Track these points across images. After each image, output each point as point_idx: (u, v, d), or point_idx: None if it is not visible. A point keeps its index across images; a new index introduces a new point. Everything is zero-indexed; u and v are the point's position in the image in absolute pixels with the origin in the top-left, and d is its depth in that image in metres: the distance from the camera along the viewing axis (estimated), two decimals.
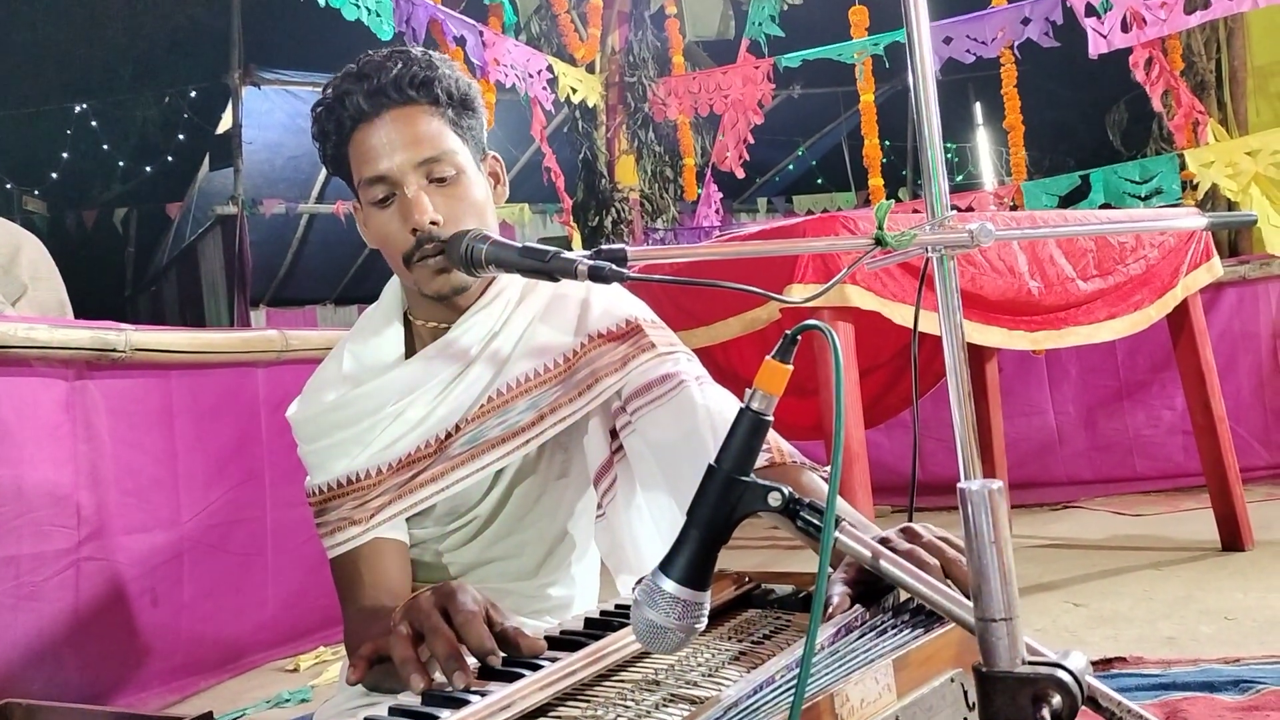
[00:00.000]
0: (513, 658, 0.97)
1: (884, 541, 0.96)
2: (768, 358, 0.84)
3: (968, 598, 0.82)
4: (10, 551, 2.28)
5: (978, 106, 12.87)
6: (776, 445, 1.31)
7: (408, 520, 1.44)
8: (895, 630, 0.93)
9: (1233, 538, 3.08)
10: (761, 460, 1.26)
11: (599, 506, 1.47)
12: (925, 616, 0.95)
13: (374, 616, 1.28)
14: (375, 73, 1.36)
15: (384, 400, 1.41)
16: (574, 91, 5.73)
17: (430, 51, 1.42)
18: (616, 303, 1.47)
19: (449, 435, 1.40)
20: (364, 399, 1.41)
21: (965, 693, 0.88)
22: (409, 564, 1.43)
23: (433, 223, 1.33)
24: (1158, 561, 3.03)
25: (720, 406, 1.35)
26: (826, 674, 0.84)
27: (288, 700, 2.51)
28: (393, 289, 1.52)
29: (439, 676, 0.95)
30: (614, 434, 1.46)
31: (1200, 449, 3.17)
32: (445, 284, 1.36)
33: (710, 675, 0.92)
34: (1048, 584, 2.88)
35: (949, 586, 0.89)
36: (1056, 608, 2.64)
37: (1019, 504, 4.02)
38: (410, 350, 1.46)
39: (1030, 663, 0.77)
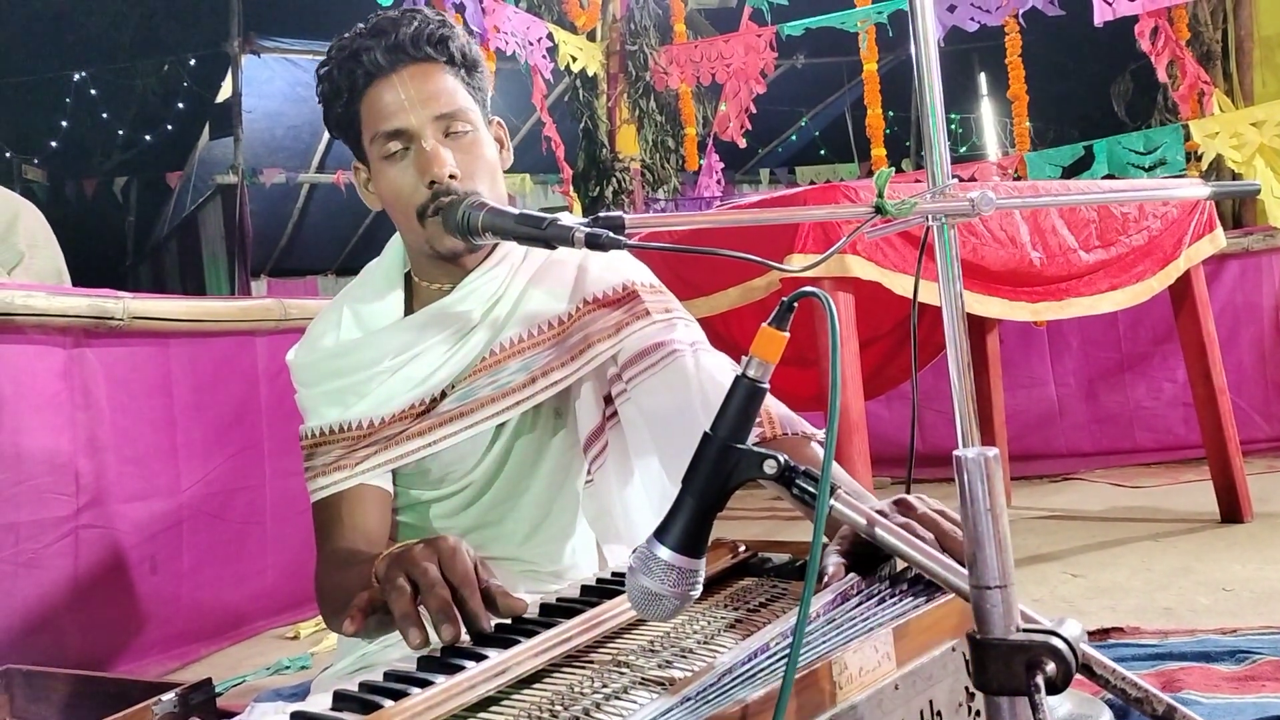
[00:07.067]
0: (499, 616, 0.98)
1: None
2: (764, 325, 0.83)
3: (964, 567, 0.82)
4: (9, 519, 2.28)
5: (982, 77, 12.77)
6: (769, 418, 1.30)
7: (403, 481, 1.46)
8: (896, 599, 0.93)
9: (1232, 510, 3.07)
10: (751, 437, 1.26)
11: (588, 473, 1.47)
12: (926, 586, 0.94)
13: (348, 561, 1.30)
14: (392, 29, 1.36)
15: (382, 354, 1.42)
16: (574, 60, 5.68)
17: (441, 13, 1.42)
18: (614, 267, 1.46)
19: (443, 394, 1.41)
20: (363, 350, 1.43)
21: (967, 662, 0.88)
22: (389, 514, 1.44)
23: (451, 175, 1.33)
24: (1157, 533, 3.02)
25: (716, 374, 1.35)
26: (824, 642, 0.84)
27: (288, 667, 2.52)
28: (395, 247, 1.52)
29: (434, 635, 0.96)
30: (609, 400, 1.46)
31: (1201, 421, 3.16)
32: (458, 242, 1.32)
33: (705, 642, 0.92)
34: (1046, 555, 2.88)
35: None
36: (1055, 578, 2.64)
37: (1019, 476, 4.01)
38: (410, 311, 1.46)
39: (1025, 630, 0.77)
